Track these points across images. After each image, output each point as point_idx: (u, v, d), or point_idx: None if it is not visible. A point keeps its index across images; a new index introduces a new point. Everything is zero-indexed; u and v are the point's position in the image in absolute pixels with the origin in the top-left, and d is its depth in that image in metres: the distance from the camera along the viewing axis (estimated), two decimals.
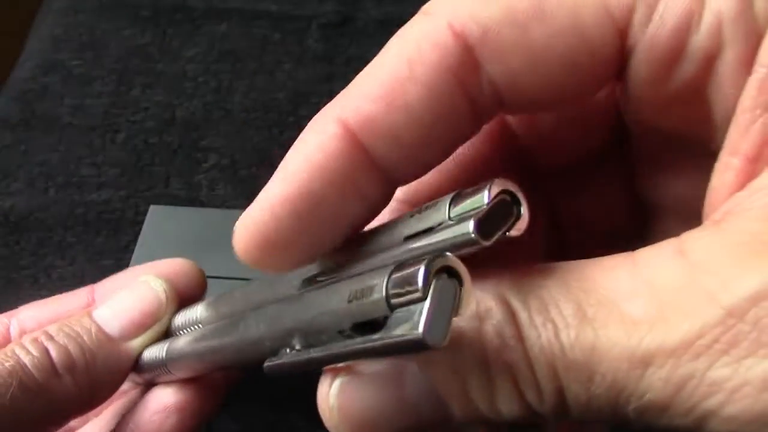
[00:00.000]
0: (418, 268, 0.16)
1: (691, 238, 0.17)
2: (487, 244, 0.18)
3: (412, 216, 0.20)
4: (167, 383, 0.28)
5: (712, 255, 0.17)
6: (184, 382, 0.27)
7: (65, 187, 0.44)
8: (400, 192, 0.24)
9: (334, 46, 0.48)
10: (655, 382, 0.16)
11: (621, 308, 0.17)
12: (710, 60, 0.19)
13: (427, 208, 0.20)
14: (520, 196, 0.19)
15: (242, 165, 0.44)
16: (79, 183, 0.44)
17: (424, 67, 0.19)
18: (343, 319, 0.18)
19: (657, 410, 0.17)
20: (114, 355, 0.27)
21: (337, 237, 0.21)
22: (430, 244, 0.19)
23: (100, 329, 0.27)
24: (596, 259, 0.18)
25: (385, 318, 0.17)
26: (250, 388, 0.21)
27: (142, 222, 0.41)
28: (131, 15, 0.51)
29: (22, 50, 0.51)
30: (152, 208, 0.42)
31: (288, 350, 0.20)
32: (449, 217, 0.19)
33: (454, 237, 0.18)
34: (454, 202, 0.19)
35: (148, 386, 0.28)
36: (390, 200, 0.22)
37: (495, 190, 0.18)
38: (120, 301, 0.28)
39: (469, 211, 0.18)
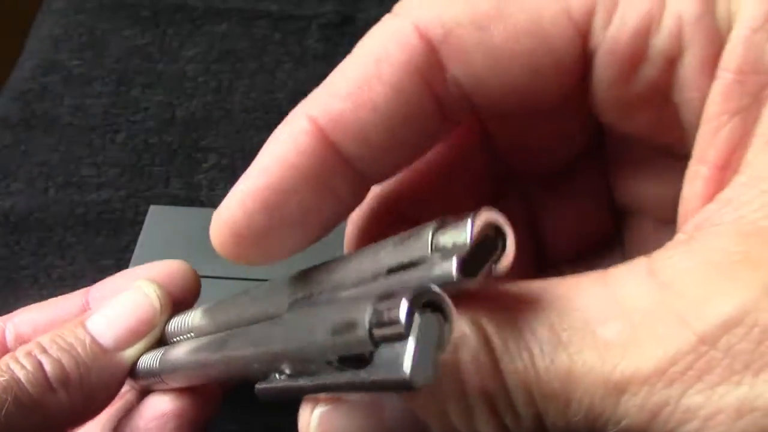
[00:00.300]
0: (400, 304, 0.16)
1: (661, 257, 0.17)
2: (471, 285, 0.17)
3: (394, 245, 0.20)
4: (164, 390, 0.27)
5: (683, 276, 0.17)
6: (181, 388, 0.27)
7: (65, 187, 0.44)
8: (381, 194, 0.24)
9: (334, 46, 0.48)
10: (631, 409, 0.16)
11: (595, 331, 0.17)
12: (671, 62, 0.19)
13: (409, 237, 0.19)
14: (507, 229, 0.18)
15: (242, 165, 0.43)
16: (79, 183, 0.44)
17: (391, 67, 0.20)
18: (329, 351, 0.18)
19: None
20: (108, 366, 0.26)
21: (311, 233, 0.21)
22: (412, 281, 0.18)
23: (93, 340, 0.26)
24: (569, 277, 0.18)
25: (371, 352, 0.17)
26: (249, 390, 0.21)
27: (142, 222, 0.41)
28: (131, 15, 0.51)
29: (22, 50, 0.51)
30: (152, 208, 0.42)
31: (278, 375, 0.20)
32: (431, 251, 0.18)
33: (437, 277, 0.17)
34: (436, 232, 0.18)
35: (145, 391, 0.28)
36: (363, 199, 0.22)
37: (479, 224, 0.18)
38: (114, 310, 0.27)
39: (453, 245, 0.18)
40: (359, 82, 0.20)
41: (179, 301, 0.28)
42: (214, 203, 0.43)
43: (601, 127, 0.23)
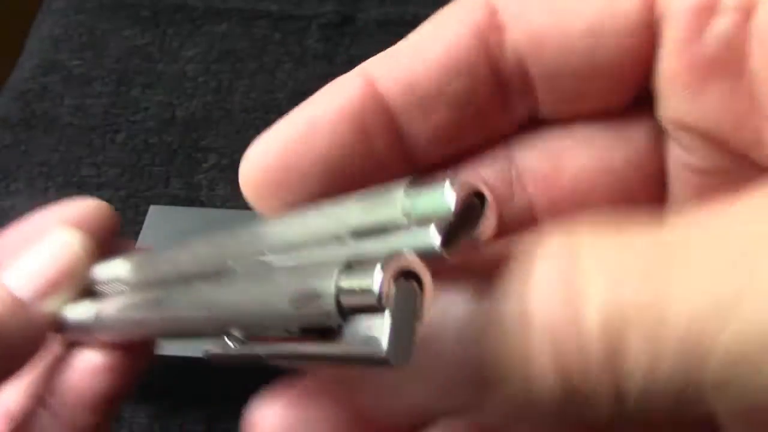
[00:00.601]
0: (374, 273, 0.15)
1: None
2: (451, 257, 0.16)
3: (358, 204, 0.18)
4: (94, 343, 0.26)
5: None
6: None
7: (65, 187, 0.44)
8: None
9: (334, 46, 0.48)
10: (750, 319, 0.13)
11: (704, 251, 0.14)
12: (747, 12, 0.17)
13: (376, 197, 0.18)
14: (487, 193, 0.17)
15: None
16: (79, 183, 0.44)
17: (449, 22, 0.19)
18: (289, 322, 0.17)
19: (751, 372, 0.13)
20: (29, 322, 0.25)
21: (335, 181, 0.20)
22: (383, 249, 0.17)
23: (11, 295, 0.25)
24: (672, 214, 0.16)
25: (339, 325, 0.16)
26: (250, 385, 0.20)
27: (142, 222, 0.41)
28: (131, 15, 0.51)
29: (22, 50, 0.51)
30: (152, 208, 0.42)
31: (230, 342, 0.19)
32: (406, 218, 0.17)
33: (417, 249, 0.16)
34: (408, 194, 0.17)
35: (73, 343, 0.27)
36: (399, 175, 0.20)
37: (462, 192, 0.16)
38: (32, 261, 0.26)
39: (432, 212, 0.17)
40: (416, 38, 0.20)
41: (100, 241, 0.27)
42: (214, 203, 0.43)
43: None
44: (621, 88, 0.20)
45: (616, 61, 0.19)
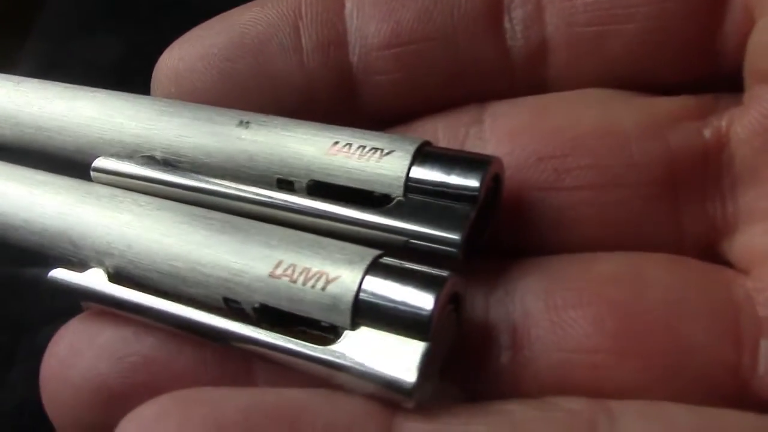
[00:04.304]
0: (424, 294, 0.12)
1: None
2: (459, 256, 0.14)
3: (343, 146, 0.15)
4: None
5: None
6: None
7: None
8: None
9: None
10: None
11: None
12: None
13: (365, 149, 0.14)
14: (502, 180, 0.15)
15: None
16: None
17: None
18: (251, 293, 0.13)
19: None
20: None
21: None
22: (378, 232, 0.14)
23: None
24: None
25: (334, 326, 0.13)
26: None
27: None
28: (131, 14, 0.50)
29: (22, 50, 0.50)
30: None
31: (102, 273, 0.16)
32: (405, 193, 0.14)
33: (428, 244, 0.14)
34: (418, 164, 0.14)
35: None
36: (342, 110, 0.18)
37: (487, 177, 0.14)
38: None
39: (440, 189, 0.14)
40: None
41: None
42: None
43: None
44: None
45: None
